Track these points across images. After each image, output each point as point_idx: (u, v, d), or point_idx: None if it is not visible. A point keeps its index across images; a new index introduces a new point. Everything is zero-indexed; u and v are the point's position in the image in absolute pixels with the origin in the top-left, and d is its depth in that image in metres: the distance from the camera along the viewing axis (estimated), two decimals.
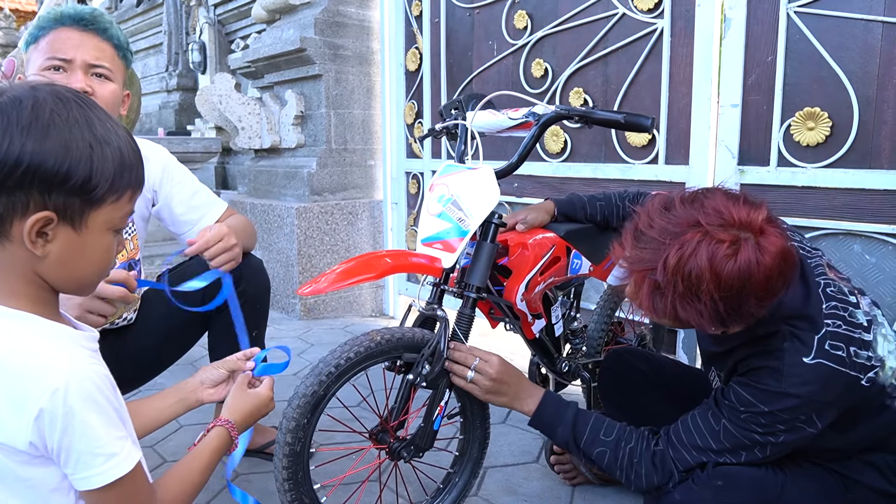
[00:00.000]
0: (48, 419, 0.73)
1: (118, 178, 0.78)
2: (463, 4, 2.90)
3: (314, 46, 3.22)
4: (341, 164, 3.41)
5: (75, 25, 1.40)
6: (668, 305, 1.06)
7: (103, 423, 0.76)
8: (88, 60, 1.40)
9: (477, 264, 1.42)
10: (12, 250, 0.75)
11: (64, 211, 0.75)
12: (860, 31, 1.78)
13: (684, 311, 1.06)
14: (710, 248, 1.01)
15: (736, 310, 1.05)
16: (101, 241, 0.80)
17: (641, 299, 1.11)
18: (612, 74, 2.38)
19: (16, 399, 0.73)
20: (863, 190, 1.79)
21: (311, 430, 1.26)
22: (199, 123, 5.78)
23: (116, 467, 0.77)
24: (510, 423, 2.05)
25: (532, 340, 1.64)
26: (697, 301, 1.04)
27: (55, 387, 0.73)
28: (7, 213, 0.73)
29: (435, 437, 1.39)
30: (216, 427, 1.01)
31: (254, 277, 1.64)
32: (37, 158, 0.71)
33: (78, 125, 0.75)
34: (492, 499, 1.60)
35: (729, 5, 2.01)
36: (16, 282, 0.78)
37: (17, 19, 11.88)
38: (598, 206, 1.67)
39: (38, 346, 0.76)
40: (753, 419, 1.12)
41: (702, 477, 1.20)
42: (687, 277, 1.02)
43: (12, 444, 0.74)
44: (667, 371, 1.64)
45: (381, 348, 1.31)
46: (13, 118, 0.71)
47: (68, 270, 0.80)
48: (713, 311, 1.04)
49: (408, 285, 3.40)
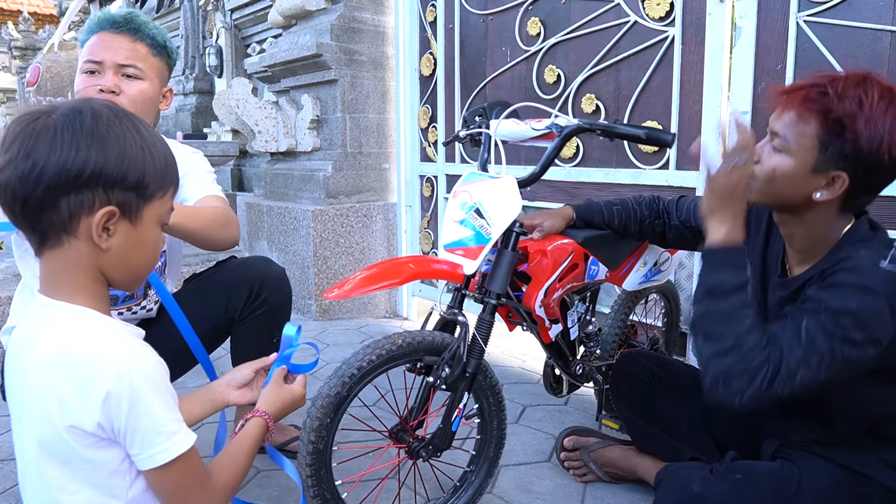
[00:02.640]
0: (115, 401, 0.80)
1: (164, 177, 0.88)
2: (477, 11, 2.95)
3: (330, 52, 3.28)
4: (356, 168, 3.47)
5: (109, 29, 1.49)
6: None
7: (163, 405, 0.84)
8: (118, 61, 1.48)
9: (497, 271, 1.46)
10: (78, 247, 0.83)
11: (124, 206, 0.84)
12: (868, 40, 1.81)
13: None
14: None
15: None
16: (152, 233, 0.90)
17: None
18: (623, 81, 2.42)
19: (84, 384, 0.81)
20: None
21: (333, 429, 1.32)
22: (216, 126, 5.86)
23: (177, 444, 0.85)
24: (523, 423, 2.09)
25: (548, 344, 1.68)
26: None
27: (119, 371, 0.81)
28: (76, 211, 0.81)
29: (453, 438, 1.44)
30: (255, 417, 1.08)
31: (277, 286, 1.68)
32: (101, 161, 0.80)
33: (129, 132, 0.84)
34: (506, 496, 1.65)
35: (739, 14, 2.05)
36: (80, 277, 0.86)
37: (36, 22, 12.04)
38: (615, 210, 1.71)
39: (100, 337, 0.85)
40: (830, 320, 1.08)
41: (720, 470, 1.24)
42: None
43: (82, 427, 0.81)
44: (678, 373, 1.67)
45: (403, 351, 1.35)
46: (77, 128, 0.80)
47: (126, 262, 0.88)
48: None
49: (421, 287, 3.45)
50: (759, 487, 1.21)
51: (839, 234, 1.21)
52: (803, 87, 1.15)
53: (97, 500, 0.85)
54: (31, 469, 0.87)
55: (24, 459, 0.89)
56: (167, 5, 6.78)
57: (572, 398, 2.28)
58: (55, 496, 0.85)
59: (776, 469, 1.25)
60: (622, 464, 1.67)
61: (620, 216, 1.71)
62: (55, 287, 0.86)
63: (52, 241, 0.83)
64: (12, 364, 0.90)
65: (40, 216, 0.81)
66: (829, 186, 1.15)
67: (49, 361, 0.83)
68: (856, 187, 1.15)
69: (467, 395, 1.42)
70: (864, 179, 1.14)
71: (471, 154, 3.09)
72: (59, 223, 0.81)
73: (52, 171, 0.78)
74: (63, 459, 0.84)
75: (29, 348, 0.86)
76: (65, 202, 0.80)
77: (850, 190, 1.14)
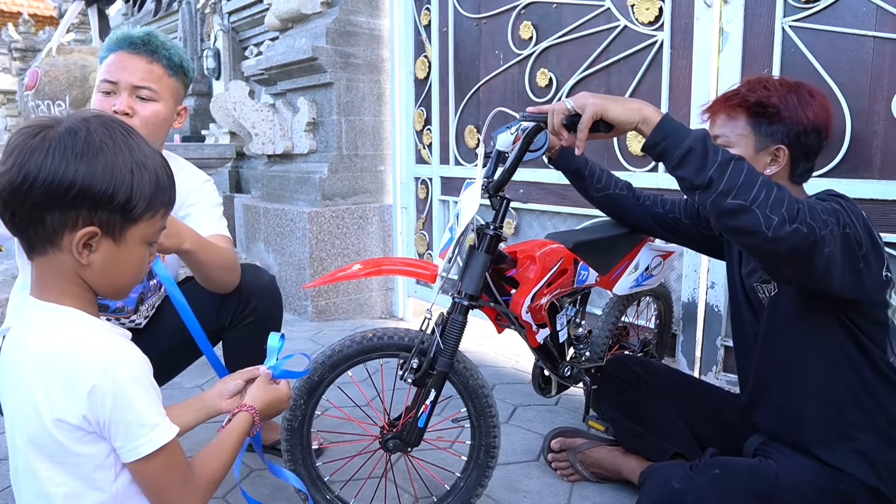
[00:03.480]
0: (100, 394, 0.83)
1: (154, 199, 0.90)
2: (470, 14, 2.98)
3: (326, 55, 3.30)
4: (352, 170, 3.50)
5: (127, 49, 1.51)
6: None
7: (146, 399, 0.87)
8: (133, 83, 1.50)
9: (468, 272, 1.48)
10: (61, 257, 0.87)
11: (107, 226, 0.86)
12: (852, 46, 1.83)
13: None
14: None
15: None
16: (136, 252, 0.92)
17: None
18: (614, 84, 2.44)
19: (70, 379, 0.84)
20: (855, 199, 1.84)
21: (308, 412, 1.47)
22: (213, 128, 5.88)
23: (160, 436, 0.87)
24: (513, 423, 2.12)
25: (536, 347, 1.71)
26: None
27: (104, 365, 0.84)
28: (59, 227, 0.84)
29: (422, 435, 1.46)
30: (241, 412, 1.11)
31: (265, 296, 1.68)
32: (87, 181, 0.82)
33: (122, 153, 0.86)
34: (494, 495, 1.67)
35: (726, 19, 2.07)
36: (64, 282, 0.89)
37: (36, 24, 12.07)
38: (598, 167, 1.77)
39: (86, 334, 0.88)
40: (827, 203, 1.21)
41: (699, 466, 1.27)
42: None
43: (68, 420, 0.84)
44: (664, 377, 1.71)
45: (373, 345, 1.46)
46: (69, 146, 0.83)
47: (107, 277, 0.91)
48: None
49: (417, 288, 3.48)
50: (737, 482, 1.24)
51: None
52: (721, 98, 1.42)
53: (82, 491, 0.89)
54: (21, 464, 0.90)
55: (16, 455, 0.92)
56: (165, 8, 6.80)
57: (562, 398, 2.31)
58: (44, 488, 0.88)
59: (754, 465, 1.27)
60: (608, 464, 1.70)
61: (602, 173, 1.76)
62: (44, 289, 0.90)
63: (39, 249, 0.87)
64: (4, 363, 0.93)
65: (28, 226, 0.84)
66: (774, 161, 1.36)
67: (37, 358, 0.86)
68: (795, 155, 1.36)
69: (436, 392, 1.43)
70: (798, 145, 1.35)
71: (465, 157, 3.12)
72: (44, 235, 0.85)
73: (41, 187, 0.81)
74: (49, 453, 0.87)
75: (20, 346, 0.90)
76: (50, 217, 0.83)
77: (791, 158, 1.36)
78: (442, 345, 1.43)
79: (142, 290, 1.62)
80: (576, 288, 1.78)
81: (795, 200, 1.11)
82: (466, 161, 3.11)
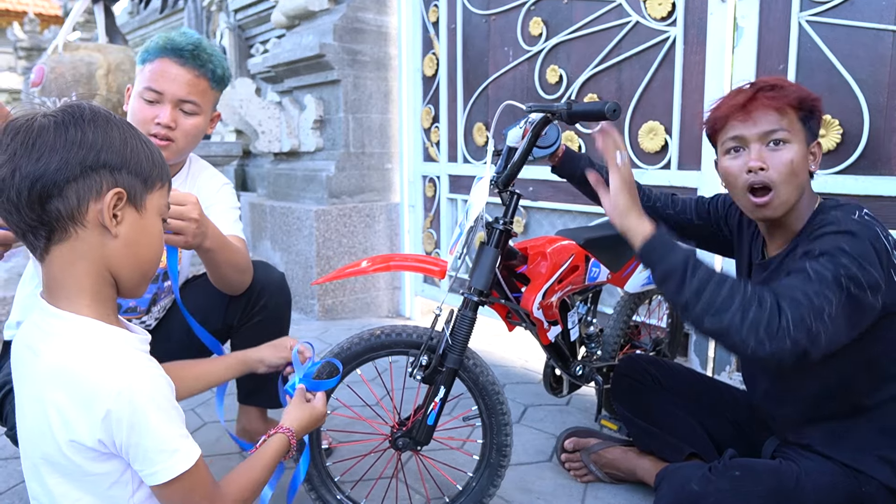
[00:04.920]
0: (115, 419, 0.80)
1: (162, 168, 0.91)
2: (479, 11, 2.95)
3: (333, 52, 3.28)
4: (359, 168, 3.48)
5: (174, 57, 1.46)
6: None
7: (165, 421, 0.83)
8: (179, 95, 1.47)
9: (477, 268, 1.46)
10: (84, 237, 0.83)
11: (131, 191, 0.85)
12: (871, 40, 1.80)
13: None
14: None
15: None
16: (156, 224, 0.91)
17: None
18: (625, 81, 2.42)
19: (84, 401, 0.80)
20: (874, 196, 1.82)
21: None
22: (219, 126, 5.87)
23: (180, 462, 0.84)
24: (524, 423, 2.10)
25: (547, 345, 1.68)
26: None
27: (120, 388, 0.80)
28: (85, 196, 0.81)
29: (432, 433, 1.44)
30: (278, 434, 1.10)
31: (276, 292, 1.67)
32: (106, 144, 0.82)
33: (124, 125, 0.87)
34: (506, 496, 1.65)
35: (741, 14, 2.05)
36: (83, 275, 0.85)
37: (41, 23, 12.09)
38: (605, 171, 1.69)
39: (102, 352, 0.83)
40: (828, 259, 1.13)
41: (719, 468, 1.24)
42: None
43: (82, 442, 0.81)
44: (677, 376, 1.68)
45: (382, 342, 1.44)
46: (79, 117, 0.82)
47: (134, 253, 0.88)
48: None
49: (424, 287, 3.46)
50: (758, 484, 1.21)
51: (811, 209, 1.31)
52: (757, 94, 1.29)
53: None
54: (33, 474, 0.88)
55: (30, 468, 0.89)
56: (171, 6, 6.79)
57: (574, 398, 2.28)
58: (58, 502, 0.86)
59: (775, 466, 1.25)
60: (622, 465, 1.67)
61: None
62: (58, 291, 0.85)
63: (60, 233, 0.82)
64: (17, 369, 0.90)
65: (46, 206, 0.80)
66: (815, 157, 1.31)
67: (51, 375, 0.83)
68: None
69: (445, 389, 1.41)
70: (816, 139, 1.32)
71: (474, 155, 3.10)
72: (66, 212, 0.81)
73: (59, 157, 0.79)
74: (64, 472, 0.84)
75: (32, 354, 0.86)
76: (73, 188, 0.80)
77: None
78: (451, 341, 1.41)
79: (156, 290, 1.60)
80: (587, 285, 1.75)
81: (777, 310, 1.07)
82: (475, 159, 3.09)
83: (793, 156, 1.25)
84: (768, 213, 1.29)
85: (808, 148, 1.29)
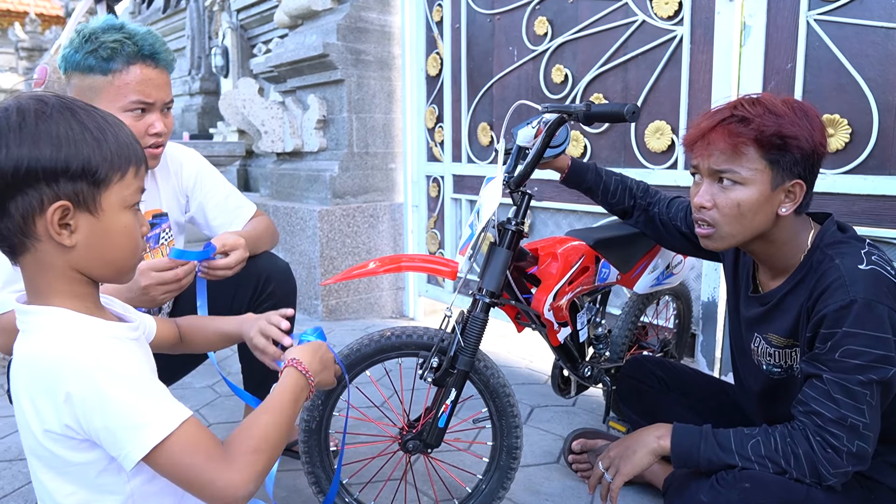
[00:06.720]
0: (77, 400, 0.76)
1: (116, 157, 0.82)
2: (484, 10, 2.94)
3: (336, 52, 3.27)
4: (363, 168, 3.47)
5: (149, 62, 1.41)
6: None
7: (133, 398, 0.78)
8: (166, 100, 1.46)
9: (489, 269, 1.45)
10: (43, 249, 0.81)
11: (76, 198, 0.80)
12: (880, 39, 1.79)
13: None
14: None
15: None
16: (120, 220, 0.84)
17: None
18: (631, 80, 2.41)
19: (48, 387, 0.78)
20: (882, 196, 1.80)
21: (326, 412, 1.44)
22: (222, 126, 5.87)
23: (152, 435, 0.77)
24: (531, 424, 2.09)
25: (557, 346, 1.68)
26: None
27: (77, 368, 0.77)
28: (27, 213, 0.78)
29: (442, 435, 1.43)
30: (287, 368, 0.98)
31: (283, 280, 1.68)
32: (34, 156, 0.76)
33: (63, 119, 0.79)
34: (514, 498, 1.64)
35: (749, 13, 2.03)
36: (53, 280, 0.83)
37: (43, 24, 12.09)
38: (612, 179, 1.70)
39: (69, 337, 0.81)
40: (845, 351, 1.12)
41: (728, 479, 1.22)
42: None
43: (52, 429, 0.79)
44: (683, 378, 1.67)
45: (392, 344, 1.43)
46: (4, 128, 0.77)
47: (100, 255, 0.84)
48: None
49: (428, 287, 3.45)
50: (768, 496, 1.19)
51: (806, 240, 1.26)
52: (719, 123, 1.20)
53: (92, 498, 0.84)
54: (31, 472, 0.87)
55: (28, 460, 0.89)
56: (173, 6, 6.79)
57: (580, 399, 2.27)
58: (54, 498, 0.85)
59: (785, 479, 1.23)
60: None
61: (617, 186, 1.69)
62: (33, 292, 0.84)
63: (19, 247, 0.81)
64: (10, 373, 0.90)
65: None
66: (789, 198, 1.22)
67: (20, 366, 0.82)
68: (809, 187, 1.22)
69: (457, 391, 1.41)
70: (811, 177, 1.22)
71: (478, 154, 3.09)
72: (15, 229, 0.79)
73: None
74: (49, 465, 0.83)
75: (13, 353, 0.85)
76: (13, 206, 0.77)
77: (805, 192, 1.23)
78: (463, 343, 1.40)
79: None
80: (597, 286, 1.74)
81: (807, 455, 1.16)
82: (479, 159, 3.08)
83: (743, 198, 1.20)
84: (710, 245, 1.29)
85: (783, 186, 1.20)
